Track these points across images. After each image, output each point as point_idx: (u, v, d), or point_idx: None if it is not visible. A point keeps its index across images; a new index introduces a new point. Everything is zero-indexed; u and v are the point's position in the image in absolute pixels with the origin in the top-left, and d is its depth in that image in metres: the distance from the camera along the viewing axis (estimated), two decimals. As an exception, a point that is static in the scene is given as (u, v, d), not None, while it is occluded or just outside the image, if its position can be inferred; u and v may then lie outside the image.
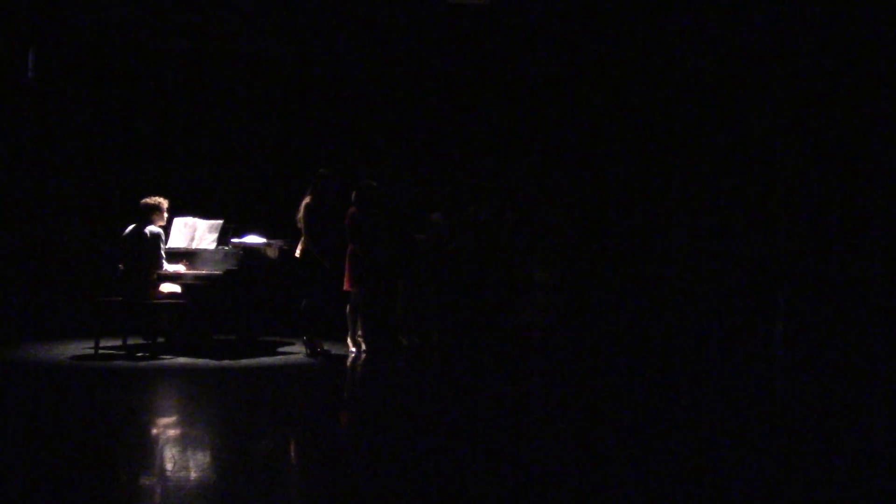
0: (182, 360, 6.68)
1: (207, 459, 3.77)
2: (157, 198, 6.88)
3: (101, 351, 6.78)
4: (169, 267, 6.92)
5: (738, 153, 8.41)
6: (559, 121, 9.67)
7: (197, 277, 7.05)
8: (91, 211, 8.68)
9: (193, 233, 7.40)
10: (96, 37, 9.11)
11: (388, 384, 6.22)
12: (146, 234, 6.75)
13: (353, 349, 7.26)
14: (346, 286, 7.26)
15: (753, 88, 8.44)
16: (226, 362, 6.61)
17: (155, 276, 6.81)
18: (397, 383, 6.26)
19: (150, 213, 6.81)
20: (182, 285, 7.03)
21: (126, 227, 6.90)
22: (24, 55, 8.42)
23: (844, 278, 7.58)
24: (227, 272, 6.94)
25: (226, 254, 7.16)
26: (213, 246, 7.24)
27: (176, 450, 3.89)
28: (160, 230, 6.84)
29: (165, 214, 6.92)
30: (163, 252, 6.84)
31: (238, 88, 9.69)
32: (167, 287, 6.90)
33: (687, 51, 8.46)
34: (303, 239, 7.11)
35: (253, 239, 7.35)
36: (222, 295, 7.26)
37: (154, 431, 4.40)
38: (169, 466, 3.55)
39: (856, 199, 7.77)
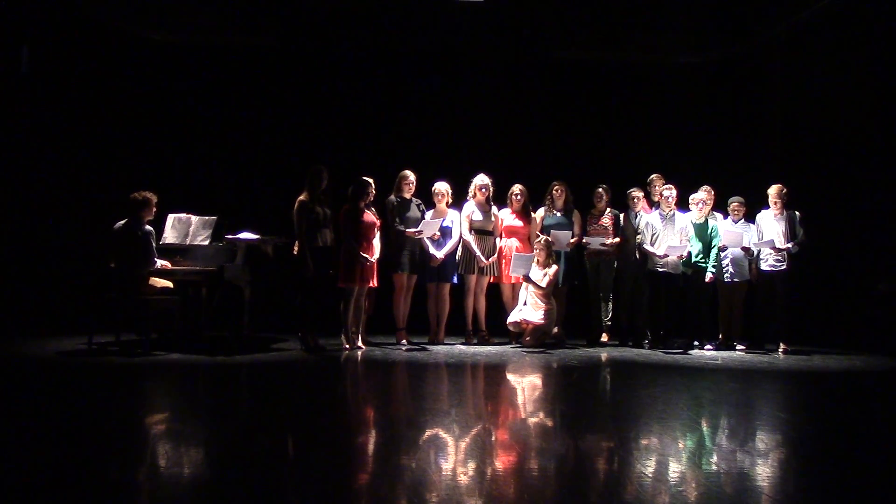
0: (175, 356, 6.66)
1: (201, 456, 3.75)
2: (146, 193, 6.86)
3: (94, 347, 6.75)
4: (157, 261, 6.90)
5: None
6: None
7: (191, 273, 7.03)
8: (84, 206, 8.65)
9: (188, 229, 7.39)
10: (90, 31, 9.08)
11: (383, 380, 6.19)
12: (138, 232, 6.72)
13: (348, 345, 7.24)
14: (340, 282, 7.25)
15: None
16: (220, 358, 6.59)
17: (146, 272, 6.79)
18: (393, 379, 6.24)
19: (140, 208, 6.78)
20: (176, 281, 7.00)
21: (116, 222, 6.87)
22: (18, 50, 8.38)
23: None
24: (221, 268, 6.92)
25: (220, 250, 7.15)
26: (207, 242, 7.23)
27: (169, 446, 3.87)
28: (151, 228, 6.81)
29: (154, 209, 6.89)
30: (154, 250, 6.82)
31: (233, 82, 9.68)
32: (160, 283, 6.88)
33: None
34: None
35: (247, 235, 7.33)
36: (216, 291, 7.25)
37: (147, 428, 4.38)
38: (162, 463, 3.52)
39: None
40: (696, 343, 7.80)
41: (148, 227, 6.79)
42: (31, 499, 3.00)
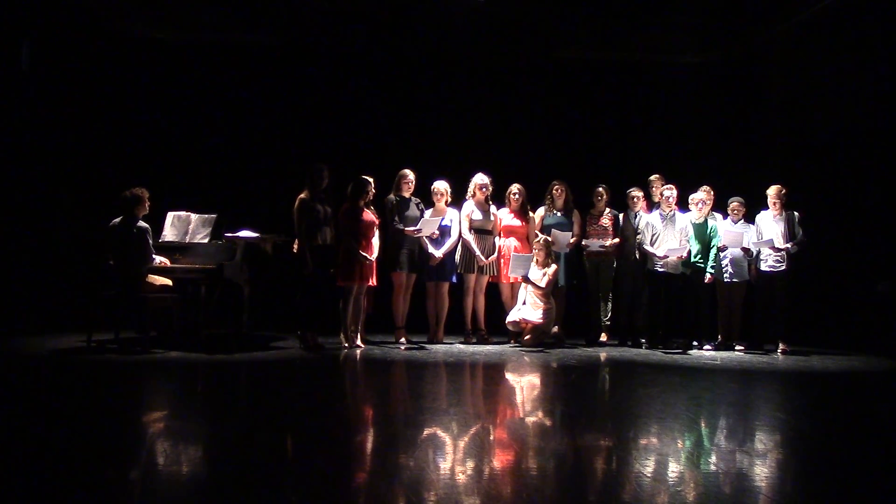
0: (175, 354, 6.66)
1: (199, 454, 3.75)
2: (136, 189, 6.86)
3: (93, 344, 6.75)
4: (155, 258, 6.90)
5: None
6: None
7: (190, 271, 7.03)
8: (84, 203, 8.64)
9: (187, 227, 7.39)
10: (90, 29, 9.08)
11: (382, 379, 6.19)
12: (134, 229, 6.72)
13: (347, 344, 7.24)
14: (339, 281, 7.25)
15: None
16: (219, 357, 6.59)
17: (145, 269, 6.79)
18: (392, 378, 6.23)
19: (133, 205, 6.78)
20: (175, 279, 7.00)
21: (113, 220, 6.86)
22: (18, 47, 8.38)
23: None
24: (221, 266, 6.92)
25: (219, 248, 7.14)
26: (206, 240, 7.23)
27: (168, 444, 3.87)
28: (147, 225, 6.81)
29: (147, 204, 6.89)
30: (151, 246, 6.81)
31: (233, 81, 9.67)
32: (160, 280, 6.88)
33: None
34: (300, 233, 7.12)
35: (247, 233, 7.32)
36: (216, 289, 7.25)
37: (146, 426, 4.38)
38: (160, 461, 3.52)
39: None
40: (695, 343, 7.79)
41: (143, 224, 6.78)
42: (31, 498, 3.00)
